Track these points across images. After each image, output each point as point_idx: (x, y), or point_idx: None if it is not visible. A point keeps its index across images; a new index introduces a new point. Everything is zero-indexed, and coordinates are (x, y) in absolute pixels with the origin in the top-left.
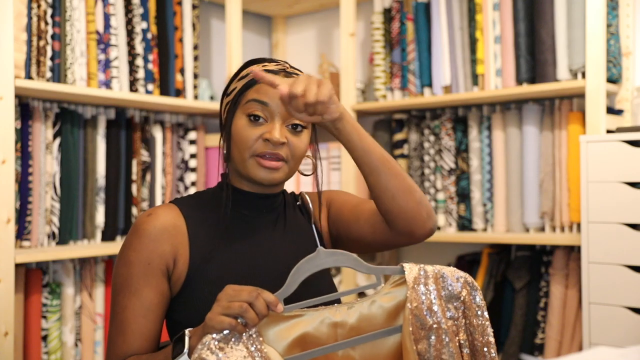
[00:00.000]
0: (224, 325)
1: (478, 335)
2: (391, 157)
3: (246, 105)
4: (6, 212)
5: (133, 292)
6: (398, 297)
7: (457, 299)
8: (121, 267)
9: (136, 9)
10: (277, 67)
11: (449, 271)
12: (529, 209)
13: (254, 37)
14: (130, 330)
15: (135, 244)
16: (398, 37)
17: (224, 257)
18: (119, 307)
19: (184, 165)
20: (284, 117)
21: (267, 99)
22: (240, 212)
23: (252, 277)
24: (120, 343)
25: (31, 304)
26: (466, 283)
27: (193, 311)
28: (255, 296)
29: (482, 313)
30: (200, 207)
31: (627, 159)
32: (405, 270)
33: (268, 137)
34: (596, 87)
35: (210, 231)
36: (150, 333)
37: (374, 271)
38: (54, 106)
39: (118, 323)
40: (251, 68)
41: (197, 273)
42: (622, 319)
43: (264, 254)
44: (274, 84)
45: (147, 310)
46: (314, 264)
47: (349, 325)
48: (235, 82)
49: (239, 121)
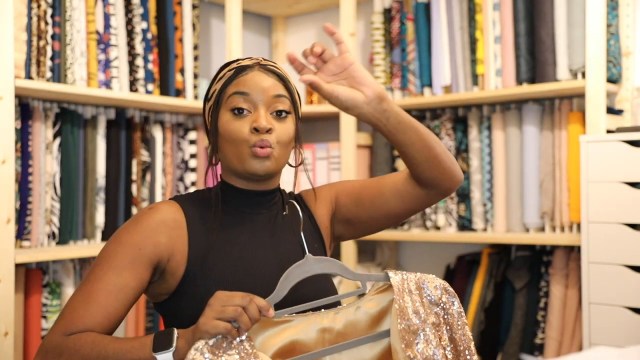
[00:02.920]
0: (219, 330)
1: (458, 340)
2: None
3: (228, 100)
4: (6, 212)
5: (113, 268)
6: (382, 303)
7: (437, 305)
8: (110, 244)
9: (136, 9)
10: (251, 62)
11: (428, 279)
12: (529, 209)
13: (254, 37)
14: (95, 302)
15: (131, 228)
16: (398, 37)
17: (224, 254)
18: (93, 276)
19: (184, 165)
20: (267, 104)
21: (247, 89)
22: (239, 209)
23: (252, 273)
24: (82, 311)
25: (31, 304)
26: (445, 290)
27: (191, 307)
28: (248, 301)
29: (461, 317)
30: (200, 205)
31: (627, 159)
32: (391, 277)
33: (255, 125)
34: (596, 87)
35: (208, 228)
36: (115, 313)
37: (359, 278)
38: (54, 106)
39: (86, 292)
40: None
41: (196, 269)
42: (622, 319)
43: (264, 250)
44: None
45: (120, 290)
46: (303, 270)
47: (336, 330)
48: (214, 85)
49: (223, 118)
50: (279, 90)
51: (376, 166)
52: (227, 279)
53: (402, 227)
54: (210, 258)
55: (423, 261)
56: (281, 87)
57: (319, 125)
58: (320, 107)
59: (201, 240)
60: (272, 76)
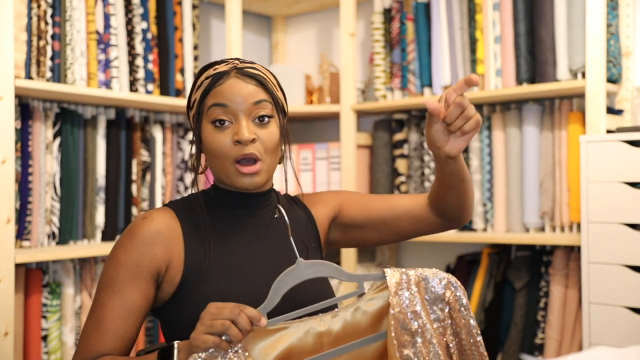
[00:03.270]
0: (208, 344)
1: (465, 335)
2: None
3: (208, 112)
4: (6, 212)
5: (117, 291)
6: (381, 303)
7: (441, 300)
8: (109, 265)
9: (136, 9)
10: (227, 67)
11: (432, 273)
12: (529, 209)
13: (254, 37)
14: (105, 329)
15: (127, 244)
16: (398, 37)
17: (220, 259)
18: (99, 302)
19: (184, 165)
20: (247, 113)
21: (226, 100)
22: (234, 212)
23: (248, 278)
24: (94, 339)
25: (31, 304)
26: (449, 284)
27: (188, 313)
28: (237, 313)
29: (468, 313)
30: (194, 210)
31: (627, 159)
32: (387, 275)
33: (237, 138)
34: (596, 87)
35: (204, 233)
36: (126, 335)
37: (355, 279)
38: (54, 106)
39: (95, 319)
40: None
41: (192, 275)
42: (622, 319)
43: (260, 255)
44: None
45: (127, 312)
46: (295, 276)
47: (334, 333)
48: (194, 93)
49: (206, 130)
50: (258, 95)
51: (376, 166)
52: (225, 284)
53: None
54: (207, 264)
55: (423, 261)
56: (261, 91)
57: (319, 125)
58: (320, 107)
59: (197, 246)
60: (251, 81)
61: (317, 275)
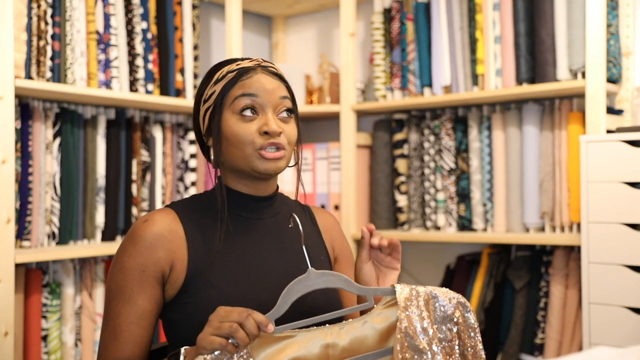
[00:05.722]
0: (214, 346)
1: (470, 356)
2: None
3: (234, 103)
4: (6, 212)
5: (127, 299)
6: (390, 318)
7: (450, 320)
8: (116, 273)
9: (136, 9)
10: (252, 63)
11: (442, 292)
12: (529, 209)
13: (254, 37)
14: (122, 337)
15: (130, 250)
16: (398, 37)
17: (224, 260)
18: (113, 312)
19: (184, 165)
20: (274, 106)
21: (255, 91)
22: (239, 214)
23: (256, 281)
24: (113, 349)
25: (31, 304)
26: (459, 304)
27: (191, 314)
28: (245, 316)
29: (475, 334)
30: (197, 210)
31: (627, 159)
32: (397, 290)
33: (266, 129)
34: (596, 87)
35: (208, 234)
36: (143, 340)
37: (364, 292)
38: (54, 106)
39: (111, 329)
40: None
41: (196, 276)
42: (622, 319)
43: (269, 257)
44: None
45: (140, 318)
46: (305, 285)
47: (340, 346)
48: (210, 87)
49: (229, 121)
50: (283, 91)
51: (376, 166)
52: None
53: (402, 227)
54: (211, 264)
55: (423, 261)
56: (284, 88)
57: (319, 125)
58: (320, 107)
59: (201, 248)
60: (275, 78)
61: (326, 286)
